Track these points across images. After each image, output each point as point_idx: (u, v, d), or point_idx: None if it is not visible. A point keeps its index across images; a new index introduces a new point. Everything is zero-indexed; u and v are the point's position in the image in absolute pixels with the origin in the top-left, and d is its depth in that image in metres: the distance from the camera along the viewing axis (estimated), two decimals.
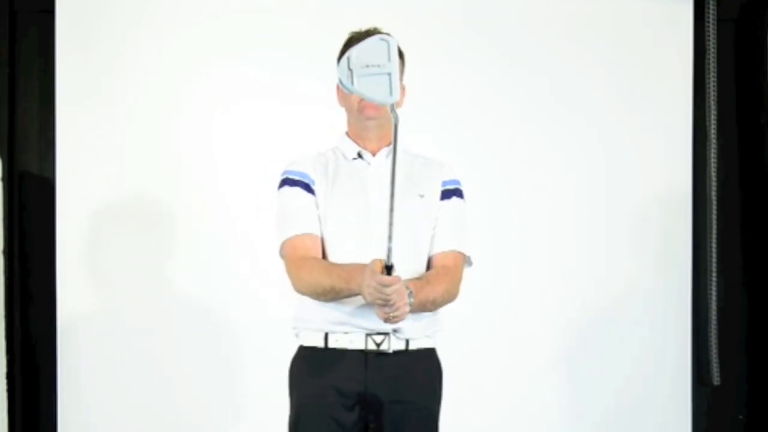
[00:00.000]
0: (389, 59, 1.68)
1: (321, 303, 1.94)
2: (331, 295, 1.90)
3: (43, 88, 3.04)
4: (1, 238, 2.94)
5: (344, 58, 1.70)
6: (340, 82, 1.71)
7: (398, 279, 1.73)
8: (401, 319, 1.79)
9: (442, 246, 2.00)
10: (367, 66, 1.68)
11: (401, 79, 2.03)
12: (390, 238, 1.70)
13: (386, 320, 1.78)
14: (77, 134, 2.98)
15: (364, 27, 2.00)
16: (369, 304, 1.82)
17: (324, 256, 1.97)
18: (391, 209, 1.70)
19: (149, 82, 3.01)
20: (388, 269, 1.72)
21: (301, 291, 1.96)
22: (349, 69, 1.68)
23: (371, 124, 2.00)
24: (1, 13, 3.05)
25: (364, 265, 1.78)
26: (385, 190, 1.72)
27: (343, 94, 2.03)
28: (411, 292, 1.80)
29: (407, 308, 1.78)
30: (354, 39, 1.99)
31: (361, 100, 1.95)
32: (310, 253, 1.95)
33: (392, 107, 1.70)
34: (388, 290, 1.72)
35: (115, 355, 2.96)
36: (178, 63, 3.01)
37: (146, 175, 2.99)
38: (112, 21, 3.00)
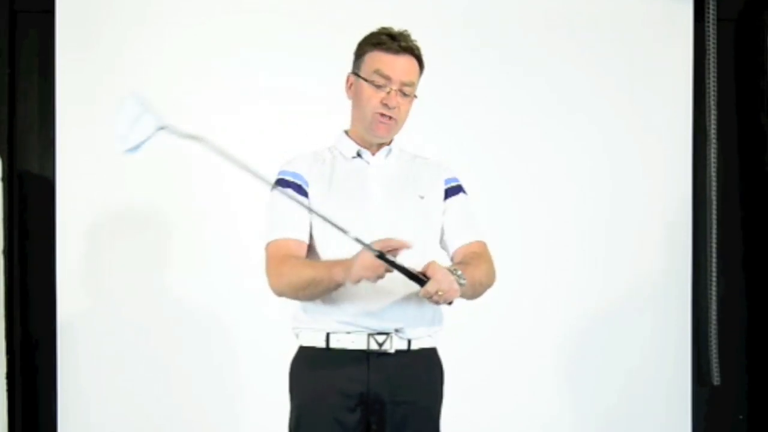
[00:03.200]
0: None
1: (321, 303, 1.92)
2: (310, 288, 1.86)
3: (43, 88, 3.05)
4: (1, 238, 2.94)
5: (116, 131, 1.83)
6: (126, 152, 1.85)
7: (399, 242, 1.72)
8: (455, 294, 1.77)
9: (463, 239, 2.00)
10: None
11: (415, 88, 2.00)
12: (345, 231, 1.72)
13: (442, 302, 1.77)
14: (77, 134, 2.98)
15: (393, 25, 1.98)
16: (371, 304, 1.84)
17: (318, 256, 1.96)
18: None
19: (149, 82, 3.00)
20: (382, 257, 1.70)
21: (279, 289, 1.92)
22: (122, 135, 1.84)
23: (379, 140, 2.00)
24: (1, 13, 3.05)
25: (346, 259, 1.77)
26: (386, 189, 1.70)
27: (357, 96, 1.98)
28: (461, 273, 1.79)
29: (451, 281, 1.76)
30: (383, 43, 1.94)
31: (377, 114, 1.93)
32: (293, 254, 1.93)
33: (178, 132, 1.85)
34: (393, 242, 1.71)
35: (114, 355, 2.96)
36: (178, 63, 3.01)
37: (146, 176, 2.99)
38: (112, 21, 3.00)
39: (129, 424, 2.97)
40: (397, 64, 1.93)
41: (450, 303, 1.82)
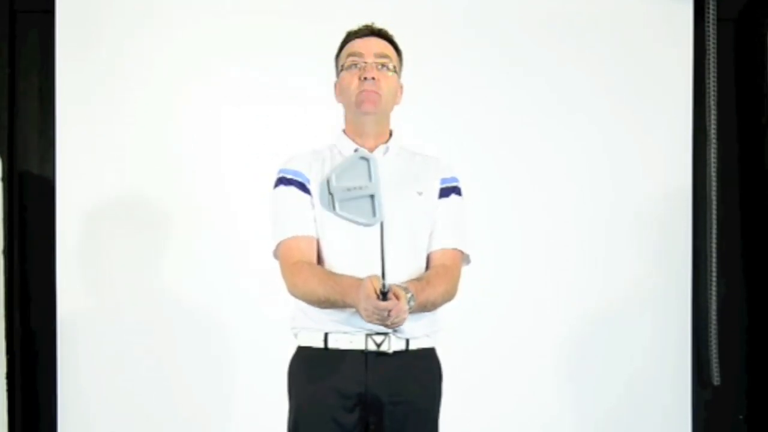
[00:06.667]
0: (370, 179, 1.63)
1: None
2: (325, 305, 1.89)
3: (43, 88, 3.05)
4: (1, 238, 2.94)
5: (323, 181, 1.65)
6: (321, 204, 1.68)
7: (395, 303, 1.71)
8: (400, 325, 1.78)
9: (440, 243, 1.99)
10: (348, 189, 1.62)
11: (399, 77, 2.03)
12: (383, 258, 1.67)
13: (385, 326, 1.78)
14: (77, 134, 2.98)
15: (360, 24, 2.02)
16: None
17: (320, 256, 1.96)
18: (382, 242, 1.67)
19: (149, 82, 3.01)
20: (384, 294, 1.69)
21: (295, 296, 1.95)
22: (330, 193, 1.63)
23: (369, 119, 1.99)
24: (1, 13, 3.05)
25: (360, 281, 1.76)
26: (382, 187, 1.70)
27: (341, 89, 2.02)
28: (412, 295, 1.79)
29: (406, 315, 1.76)
30: (352, 34, 2.00)
31: (360, 92, 1.95)
32: (305, 256, 1.94)
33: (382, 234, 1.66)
34: (385, 313, 1.71)
35: (114, 355, 2.96)
36: (178, 63, 3.01)
37: (146, 176, 2.99)
38: (112, 21, 3.00)
39: (129, 423, 2.97)
40: (367, 43, 1.98)
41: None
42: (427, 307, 1.90)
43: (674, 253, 3.14)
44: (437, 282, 1.92)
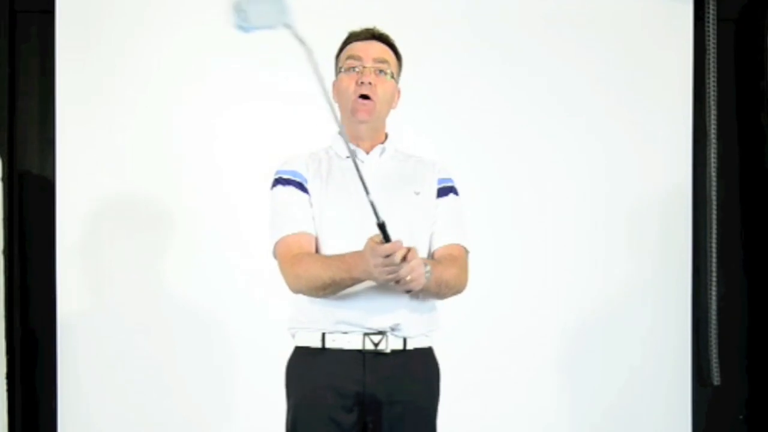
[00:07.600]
0: None
1: (317, 303, 1.92)
2: (331, 288, 1.88)
3: (43, 88, 3.05)
4: (1, 238, 2.94)
5: (234, 2, 1.65)
6: (237, 26, 1.67)
7: (399, 243, 1.70)
8: (420, 284, 1.77)
9: (444, 240, 2.00)
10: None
11: (397, 83, 2.04)
12: (367, 191, 1.67)
13: (406, 289, 1.77)
14: (77, 134, 2.98)
15: (363, 26, 2.03)
16: (367, 301, 1.86)
17: (320, 251, 1.96)
18: (355, 162, 1.68)
19: (149, 82, 3.01)
20: (381, 228, 1.69)
21: (298, 289, 1.94)
22: (242, 9, 1.65)
23: (363, 126, 2.00)
24: (1, 13, 3.05)
25: (361, 252, 1.76)
26: (380, 186, 1.70)
27: (338, 91, 2.03)
28: (429, 268, 1.79)
29: (421, 272, 1.76)
30: (353, 36, 2.03)
31: (354, 100, 1.96)
32: (304, 251, 1.94)
33: (295, 33, 1.66)
34: (395, 258, 1.70)
35: (114, 355, 2.96)
36: (178, 63, 3.01)
37: (146, 175, 2.99)
38: (112, 21, 3.00)
39: (129, 423, 2.97)
40: (367, 47, 1.99)
41: (409, 291, 1.81)
42: (441, 286, 1.90)
43: (674, 253, 3.14)
44: (448, 264, 1.94)
